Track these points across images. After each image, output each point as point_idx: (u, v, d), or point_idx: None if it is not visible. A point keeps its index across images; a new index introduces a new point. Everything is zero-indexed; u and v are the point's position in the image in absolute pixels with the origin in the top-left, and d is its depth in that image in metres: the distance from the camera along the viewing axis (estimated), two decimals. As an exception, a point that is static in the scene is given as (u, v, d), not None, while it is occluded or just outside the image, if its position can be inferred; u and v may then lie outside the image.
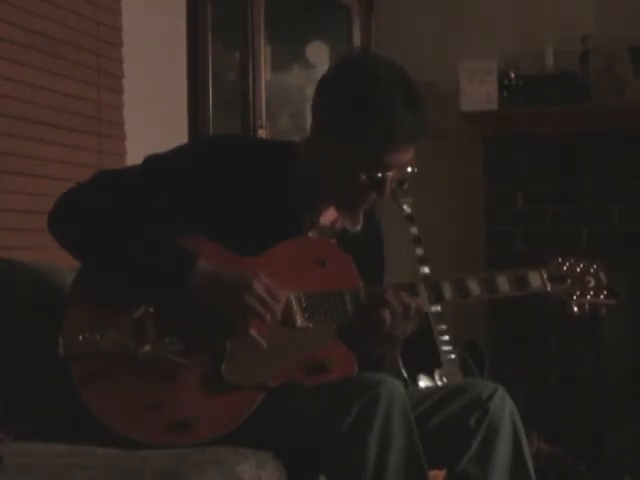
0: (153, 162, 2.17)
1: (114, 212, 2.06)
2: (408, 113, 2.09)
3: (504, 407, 2.18)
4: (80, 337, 2.01)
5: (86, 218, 2.06)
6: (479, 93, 4.59)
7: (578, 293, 2.35)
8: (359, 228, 2.29)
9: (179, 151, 2.19)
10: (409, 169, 2.18)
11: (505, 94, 4.60)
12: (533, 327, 4.57)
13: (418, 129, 2.11)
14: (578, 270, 2.36)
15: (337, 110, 2.11)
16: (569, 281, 2.35)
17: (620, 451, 4.31)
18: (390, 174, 2.14)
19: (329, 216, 2.28)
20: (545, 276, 2.32)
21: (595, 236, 4.56)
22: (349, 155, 2.12)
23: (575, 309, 2.34)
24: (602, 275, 2.38)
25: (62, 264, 2.28)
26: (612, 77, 4.50)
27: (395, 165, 2.14)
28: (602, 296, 2.36)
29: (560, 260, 2.36)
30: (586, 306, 2.35)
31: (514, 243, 4.66)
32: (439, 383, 3.41)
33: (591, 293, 2.36)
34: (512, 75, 4.58)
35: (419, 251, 3.45)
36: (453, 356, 3.53)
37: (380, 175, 2.13)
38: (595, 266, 2.38)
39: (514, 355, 4.61)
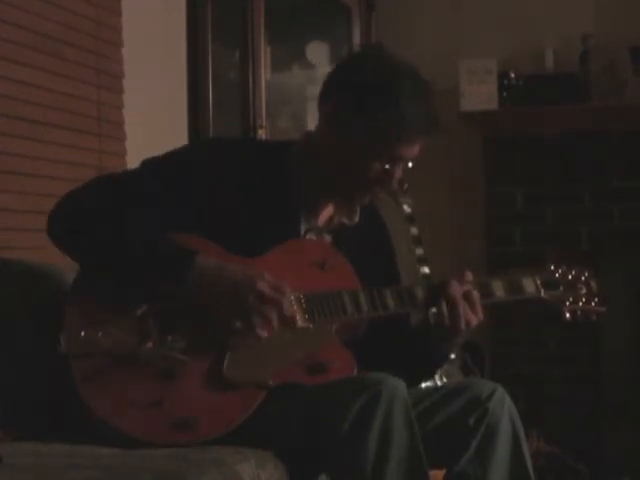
0: (150, 165, 2.17)
1: (111, 215, 2.06)
2: (425, 107, 2.13)
3: (503, 407, 2.18)
4: (82, 334, 2.01)
5: (84, 221, 2.06)
6: (479, 93, 4.59)
7: (570, 300, 2.38)
8: (357, 219, 2.29)
9: (176, 153, 2.19)
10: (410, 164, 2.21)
11: (505, 94, 4.59)
12: (533, 327, 4.57)
13: (434, 123, 2.15)
14: (570, 277, 2.39)
15: (355, 99, 2.12)
16: (561, 288, 2.38)
17: (620, 451, 4.32)
18: (399, 166, 2.16)
19: (325, 215, 2.28)
20: (539, 282, 2.34)
21: (595, 236, 4.56)
22: (363, 144, 2.13)
23: (567, 315, 2.37)
24: (593, 283, 2.41)
25: (62, 264, 2.28)
26: (612, 77, 4.50)
27: (407, 157, 2.16)
28: (593, 303, 2.40)
29: (552, 267, 2.39)
30: (578, 312, 2.38)
31: (514, 243, 4.66)
32: (439, 383, 3.41)
33: (583, 300, 2.39)
34: (512, 75, 4.58)
35: (419, 251, 3.45)
36: (453, 356, 3.53)
37: (389, 167, 2.15)
38: (586, 274, 2.42)
39: (514, 355, 4.61)
